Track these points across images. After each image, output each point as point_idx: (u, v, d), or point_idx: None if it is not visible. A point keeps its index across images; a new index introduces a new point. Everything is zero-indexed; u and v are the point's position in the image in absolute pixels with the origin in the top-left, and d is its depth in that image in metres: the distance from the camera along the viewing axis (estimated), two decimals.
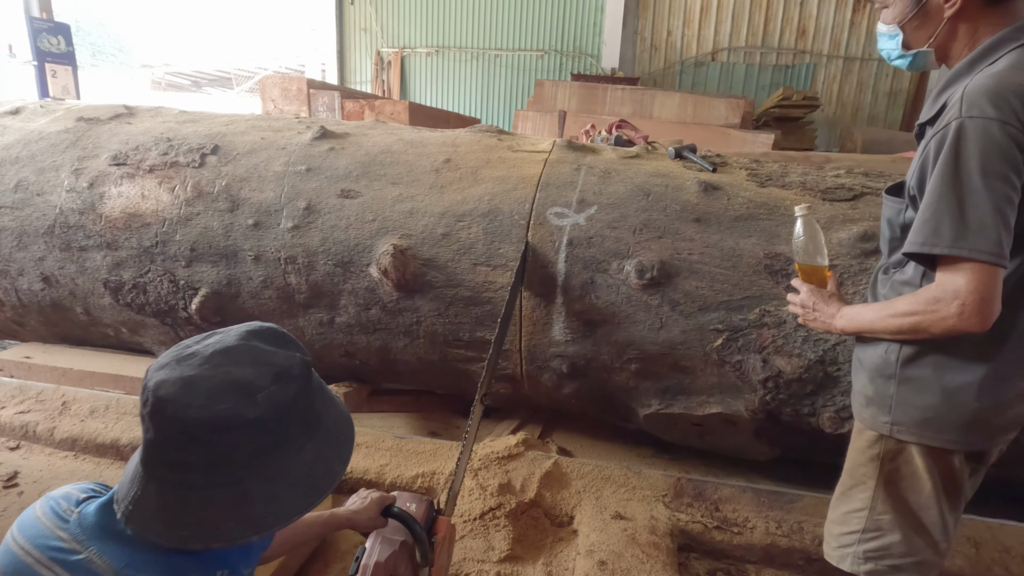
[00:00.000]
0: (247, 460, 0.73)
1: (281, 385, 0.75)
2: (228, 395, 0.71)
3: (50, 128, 2.61)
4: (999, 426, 1.07)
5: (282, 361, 0.77)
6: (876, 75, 9.59)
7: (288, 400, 0.75)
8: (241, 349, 0.76)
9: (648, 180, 2.06)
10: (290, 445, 0.76)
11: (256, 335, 0.80)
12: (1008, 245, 0.93)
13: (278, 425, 0.75)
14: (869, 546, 1.17)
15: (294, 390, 0.76)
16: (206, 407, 0.70)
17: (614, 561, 1.57)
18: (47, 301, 2.52)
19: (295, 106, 6.37)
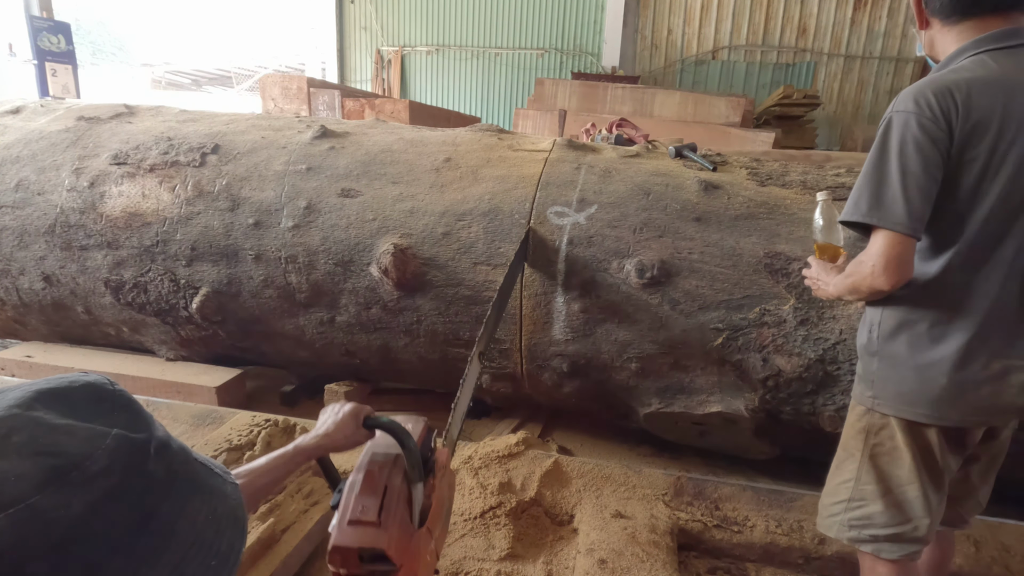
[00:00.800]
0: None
1: (57, 493, 0.42)
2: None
3: (51, 127, 2.62)
4: (970, 403, 1.12)
5: (75, 447, 0.44)
6: (877, 73, 9.58)
7: (73, 517, 0.42)
8: (4, 424, 0.44)
9: (648, 179, 2.06)
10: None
11: (49, 398, 0.48)
12: (919, 219, 1.06)
13: (49, 568, 0.41)
14: (853, 515, 1.25)
15: (90, 498, 0.43)
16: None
17: (614, 560, 1.57)
18: (48, 300, 2.53)
19: (295, 105, 6.37)
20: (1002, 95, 1.04)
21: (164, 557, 0.47)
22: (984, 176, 1.05)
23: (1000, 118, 1.03)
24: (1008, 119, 1.03)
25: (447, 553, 1.65)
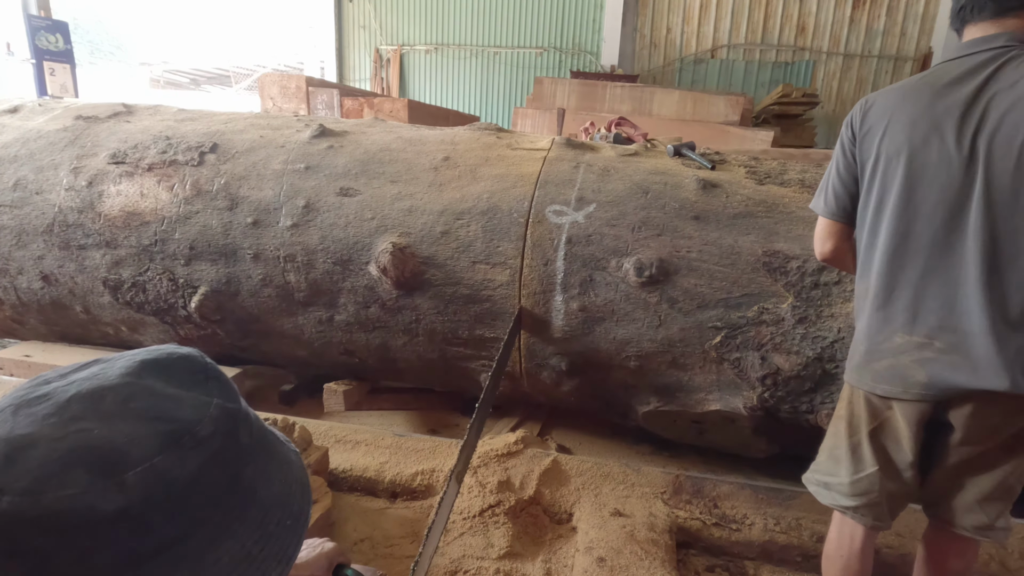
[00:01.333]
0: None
1: (175, 455, 0.47)
2: (74, 474, 0.43)
3: (49, 126, 2.61)
4: (876, 372, 1.22)
5: (185, 414, 0.50)
6: (876, 72, 9.58)
7: (187, 478, 0.48)
8: (122, 392, 0.49)
9: (647, 178, 2.06)
10: (190, 547, 0.48)
11: (156, 368, 0.53)
12: (834, 206, 1.30)
13: (165, 519, 0.46)
14: (815, 462, 1.46)
15: (199, 460, 0.49)
16: (32, 496, 0.42)
17: (613, 558, 1.58)
18: (46, 300, 2.52)
19: (294, 104, 6.36)
20: (896, 102, 1.19)
21: (249, 514, 0.52)
22: (872, 176, 1.21)
23: (885, 124, 1.19)
24: (890, 125, 1.18)
25: (446, 551, 1.65)
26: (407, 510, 1.86)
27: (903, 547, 1.67)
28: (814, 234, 1.37)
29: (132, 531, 0.45)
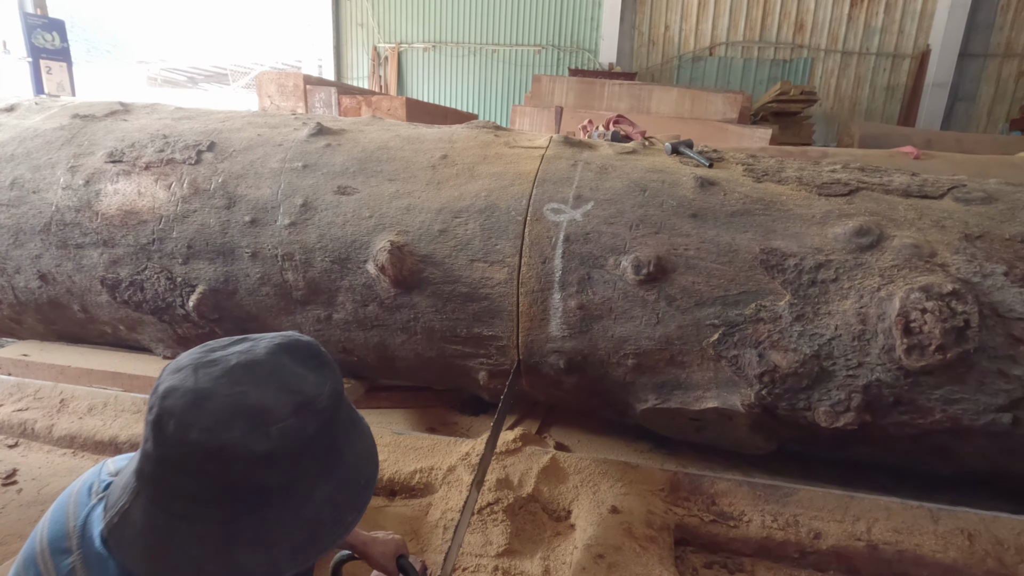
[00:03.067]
0: (246, 499, 0.63)
1: (302, 419, 0.66)
2: (238, 422, 0.62)
3: (45, 125, 2.61)
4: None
5: (309, 389, 0.68)
6: (874, 69, 9.59)
7: (307, 436, 0.66)
8: (268, 366, 0.68)
9: (645, 176, 2.06)
10: (299, 487, 0.66)
11: (289, 351, 0.71)
12: None
13: (289, 464, 0.65)
14: None
15: (316, 425, 0.67)
16: (211, 432, 0.61)
17: (611, 555, 1.58)
18: (44, 299, 2.52)
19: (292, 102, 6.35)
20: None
21: (338, 472, 0.70)
22: None
23: None
24: None
25: (444, 550, 1.65)
26: (406, 508, 1.86)
27: (901, 543, 1.67)
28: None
29: (268, 469, 0.64)
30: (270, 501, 0.65)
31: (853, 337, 1.69)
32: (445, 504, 1.80)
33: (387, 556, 1.17)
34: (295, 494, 0.66)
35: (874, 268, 1.72)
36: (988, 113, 9.43)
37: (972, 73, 9.29)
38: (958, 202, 1.89)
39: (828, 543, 1.70)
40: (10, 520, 1.77)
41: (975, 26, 9.06)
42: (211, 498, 0.63)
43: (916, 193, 1.93)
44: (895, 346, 1.63)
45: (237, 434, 0.62)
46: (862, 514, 1.74)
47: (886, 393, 1.70)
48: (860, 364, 1.69)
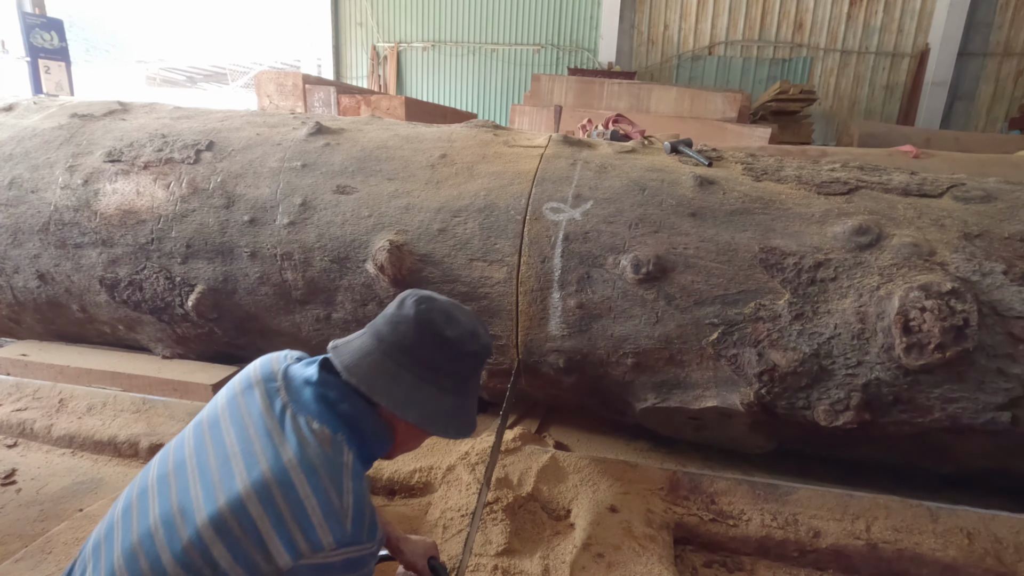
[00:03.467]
0: (458, 377, 0.99)
1: (485, 348, 1.04)
2: (475, 330, 1.01)
3: (44, 125, 2.60)
4: None
5: (484, 335, 1.07)
6: (873, 69, 9.59)
7: (484, 356, 1.04)
8: (460, 307, 1.05)
9: (644, 175, 2.06)
10: (471, 386, 1.04)
11: (458, 305, 1.08)
12: None
13: (478, 368, 1.03)
14: None
15: (485, 355, 1.05)
16: (459, 331, 0.98)
17: (611, 554, 1.58)
18: (43, 298, 2.52)
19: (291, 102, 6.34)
20: None
21: (467, 387, 1.04)
22: None
23: None
24: None
25: (444, 549, 1.65)
26: (405, 507, 1.86)
27: (900, 542, 1.67)
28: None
29: (474, 365, 1.04)
30: (464, 387, 1.01)
31: (852, 336, 1.69)
32: (444, 503, 1.80)
33: (418, 555, 1.28)
34: (468, 391, 1.02)
35: (873, 267, 1.72)
36: (987, 112, 9.44)
37: (971, 72, 9.29)
38: (957, 201, 1.89)
39: (827, 542, 1.70)
40: (9, 520, 1.77)
41: (974, 25, 9.06)
42: (438, 367, 0.97)
43: (915, 192, 1.93)
44: (894, 345, 1.63)
45: (475, 336, 1.01)
46: (861, 513, 1.75)
47: (885, 392, 1.70)
48: (859, 363, 1.69)
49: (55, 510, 1.82)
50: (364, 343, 0.99)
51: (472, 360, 1.02)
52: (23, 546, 1.55)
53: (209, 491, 0.88)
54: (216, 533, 0.85)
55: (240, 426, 0.95)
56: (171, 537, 0.87)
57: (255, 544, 0.84)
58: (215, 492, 0.88)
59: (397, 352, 0.97)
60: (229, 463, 0.91)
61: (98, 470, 2.07)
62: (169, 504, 0.90)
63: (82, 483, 1.98)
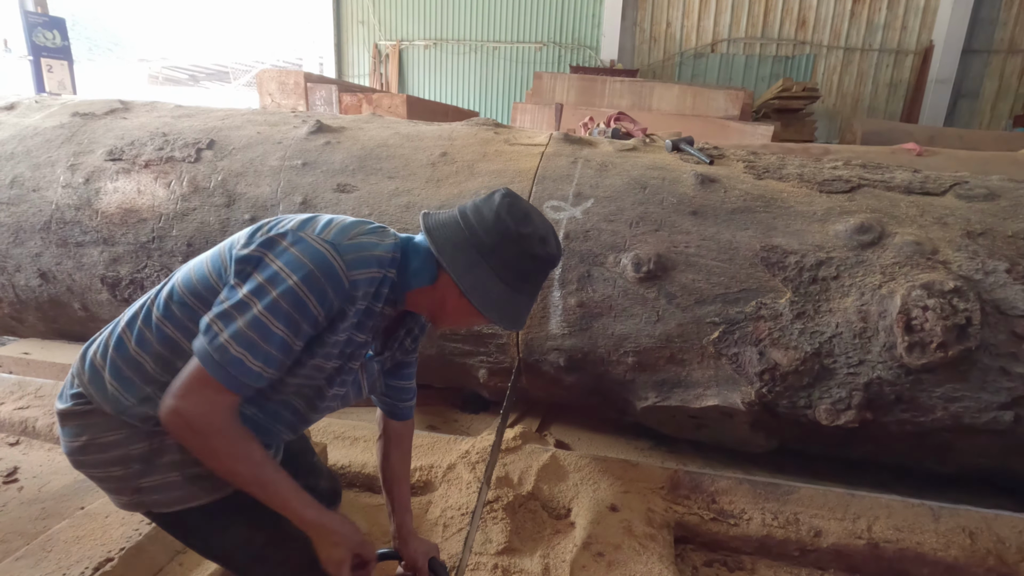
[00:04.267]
0: (519, 272, 1.03)
1: (553, 252, 1.10)
2: (545, 236, 1.05)
3: (45, 123, 2.61)
4: None
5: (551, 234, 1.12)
6: (876, 66, 9.54)
7: (549, 263, 1.08)
8: (525, 203, 1.09)
9: (645, 173, 2.05)
10: (529, 287, 1.07)
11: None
12: None
13: (539, 272, 1.07)
14: None
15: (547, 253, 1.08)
16: (530, 230, 1.02)
17: (611, 553, 1.58)
18: (45, 297, 2.52)
19: (292, 100, 6.34)
20: None
21: (525, 286, 1.07)
22: None
23: None
24: None
25: (445, 547, 1.65)
26: None
27: (901, 542, 1.67)
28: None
29: (526, 258, 1.05)
30: (520, 286, 1.04)
31: (854, 335, 1.68)
32: (445, 502, 1.80)
33: (420, 554, 1.29)
34: (523, 291, 1.05)
35: (875, 265, 1.71)
36: (991, 109, 9.39)
37: (975, 69, 9.24)
38: (960, 199, 1.88)
39: (829, 541, 1.70)
40: (11, 518, 1.77)
41: (979, 22, 9.01)
42: (503, 259, 1.01)
43: (918, 190, 1.92)
44: (896, 344, 1.62)
45: (547, 244, 1.05)
46: (863, 512, 1.74)
47: (887, 391, 1.69)
48: (861, 362, 1.69)
49: (57, 508, 1.83)
50: (448, 215, 1.07)
51: (534, 262, 1.04)
52: (25, 544, 1.56)
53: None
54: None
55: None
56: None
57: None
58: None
59: (471, 231, 1.02)
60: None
61: None
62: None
63: (84, 481, 1.98)
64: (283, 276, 0.91)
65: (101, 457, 1.02)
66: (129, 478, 1.01)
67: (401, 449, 1.36)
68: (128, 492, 1.02)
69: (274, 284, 0.91)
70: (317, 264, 0.93)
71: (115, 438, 1.00)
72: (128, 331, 1.02)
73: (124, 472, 1.01)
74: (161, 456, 1.01)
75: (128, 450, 1.00)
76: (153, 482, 1.01)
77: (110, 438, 1.01)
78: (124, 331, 1.03)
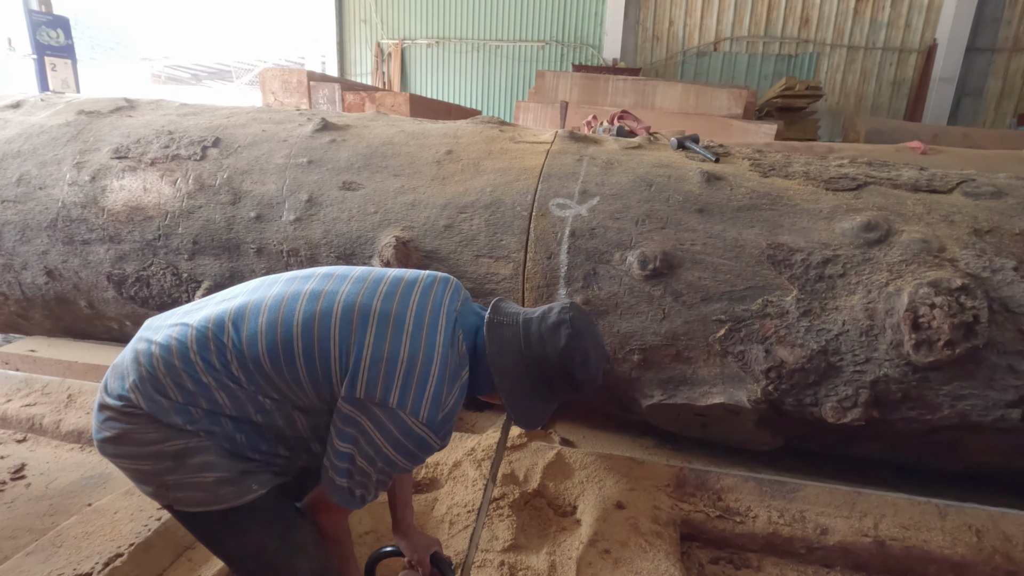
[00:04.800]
0: (558, 394, 1.17)
1: (596, 384, 1.20)
2: (596, 376, 1.17)
3: (51, 122, 2.61)
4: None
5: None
6: (880, 64, 9.52)
7: (587, 390, 1.19)
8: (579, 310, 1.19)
9: (650, 171, 2.05)
10: (559, 398, 1.22)
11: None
12: None
13: (573, 392, 1.18)
14: None
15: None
16: (585, 375, 1.13)
17: (617, 550, 1.58)
18: (51, 295, 2.53)
19: (295, 98, 6.35)
20: None
21: (557, 398, 1.22)
22: None
23: None
24: None
25: (451, 544, 1.66)
26: None
27: (908, 539, 1.67)
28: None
29: (572, 390, 1.18)
30: (554, 399, 1.19)
31: (861, 332, 1.68)
32: (451, 499, 1.81)
33: (422, 548, 1.32)
34: (555, 401, 1.23)
35: (882, 263, 1.71)
36: (995, 108, 9.35)
37: (979, 68, 9.21)
38: (967, 196, 1.87)
39: (835, 539, 1.70)
40: (19, 514, 1.78)
41: (983, 20, 8.98)
42: (551, 388, 1.15)
43: (925, 188, 1.92)
44: (903, 341, 1.62)
45: (595, 382, 1.16)
46: (869, 510, 1.74)
47: (894, 389, 1.69)
48: (868, 360, 1.68)
49: (64, 504, 1.84)
50: (513, 335, 1.15)
51: (576, 392, 1.16)
52: (33, 540, 1.57)
53: (372, 293, 1.11)
54: (359, 318, 1.07)
55: (416, 293, 1.14)
56: (314, 303, 1.08)
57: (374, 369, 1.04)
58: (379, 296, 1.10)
59: (530, 362, 1.13)
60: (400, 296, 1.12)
61: (107, 465, 2.08)
62: (328, 287, 1.12)
63: (91, 478, 1.99)
64: (394, 458, 1.05)
65: (134, 450, 1.05)
66: (157, 473, 1.04)
67: None
68: (153, 484, 1.06)
69: (387, 463, 1.05)
70: (419, 446, 1.06)
71: (154, 436, 1.03)
72: (197, 357, 1.05)
73: (154, 467, 1.04)
74: (193, 456, 1.04)
75: (163, 447, 1.03)
76: (179, 480, 1.04)
77: (149, 435, 1.03)
78: (194, 353, 1.05)
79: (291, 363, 1.04)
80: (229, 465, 1.06)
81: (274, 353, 1.03)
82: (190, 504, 1.05)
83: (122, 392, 1.05)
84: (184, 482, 1.04)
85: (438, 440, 1.08)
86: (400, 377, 1.03)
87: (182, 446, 1.03)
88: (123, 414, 1.04)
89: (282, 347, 1.04)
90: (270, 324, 1.05)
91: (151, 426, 1.03)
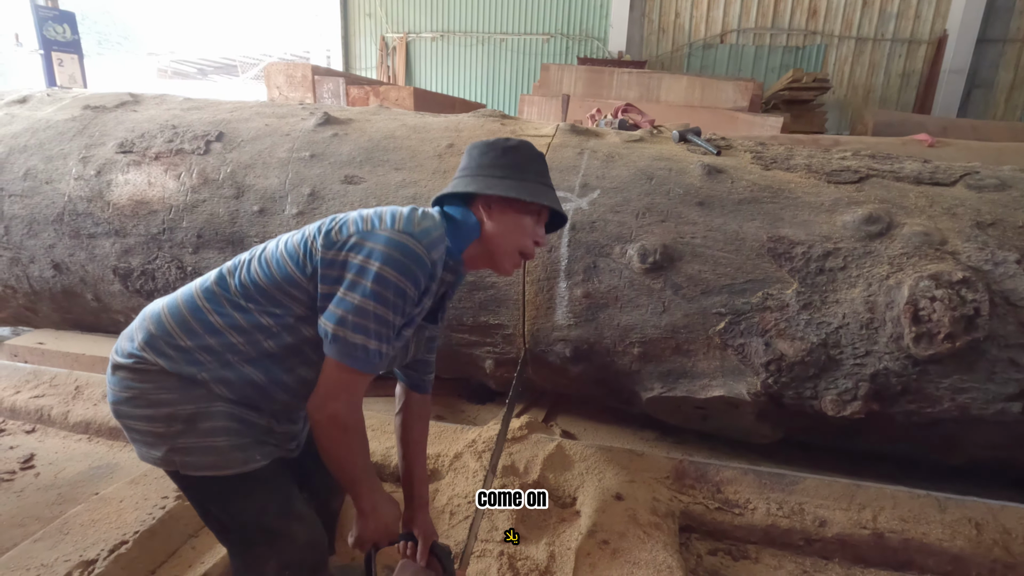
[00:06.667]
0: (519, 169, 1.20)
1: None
2: (525, 141, 1.24)
3: (57, 116, 2.64)
4: None
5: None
6: (888, 56, 9.41)
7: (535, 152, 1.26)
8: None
9: (651, 164, 2.05)
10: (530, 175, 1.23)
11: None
12: None
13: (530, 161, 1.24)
14: None
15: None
16: (515, 143, 1.23)
17: (616, 541, 1.60)
18: (58, 288, 2.56)
19: (300, 93, 6.36)
20: None
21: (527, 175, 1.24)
22: None
23: None
24: None
25: (451, 535, 1.68)
26: None
27: (907, 532, 1.67)
28: None
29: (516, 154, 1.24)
30: (536, 178, 1.21)
31: (861, 325, 1.68)
32: (452, 490, 1.82)
33: (430, 532, 1.34)
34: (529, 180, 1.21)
35: (883, 256, 1.70)
36: (1006, 100, 9.23)
37: (990, 59, 9.08)
38: (970, 189, 1.86)
39: (833, 531, 1.70)
40: (28, 503, 1.82)
41: (994, 10, 8.84)
42: (507, 167, 1.20)
43: (927, 180, 1.91)
44: (903, 334, 1.62)
45: (529, 145, 1.24)
46: (868, 502, 1.74)
47: (894, 382, 1.69)
48: (868, 353, 1.68)
49: (72, 494, 1.87)
50: (455, 176, 1.24)
51: (516, 153, 1.21)
52: (41, 527, 1.60)
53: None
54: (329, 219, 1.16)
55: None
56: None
57: (343, 221, 1.13)
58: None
59: (475, 166, 1.21)
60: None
61: (114, 455, 2.11)
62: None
63: (98, 468, 2.02)
64: (384, 275, 1.04)
65: (148, 412, 1.08)
66: (169, 436, 1.08)
67: (423, 422, 1.42)
68: (162, 449, 1.08)
69: (379, 283, 1.04)
70: (406, 255, 1.06)
71: (167, 397, 1.08)
72: (205, 302, 1.12)
73: (166, 430, 1.08)
74: (205, 421, 1.08)
75: (176, 409, 1.07)
76: (190, 443, 1.08)
77: (162, 396, 1.08)
78: (201, 300, 1.13)
79: (280, 265, 1.12)
80: (239, 430, 1.10)
81: (266, 268, 1.12)
82: (197, 468, 1.09)
83: (132, 350, 1.10)
84: (195, 446, 1.07)
85: (424, 249, 1.08)
86: (369, 216, 1.13)
87: (193, 410, 1.08)
88: (135, 371, 1.08)
89: (272, 260, 1.13)
90: (261, 256, 1.16)
91: (164, 384, 1.08)
